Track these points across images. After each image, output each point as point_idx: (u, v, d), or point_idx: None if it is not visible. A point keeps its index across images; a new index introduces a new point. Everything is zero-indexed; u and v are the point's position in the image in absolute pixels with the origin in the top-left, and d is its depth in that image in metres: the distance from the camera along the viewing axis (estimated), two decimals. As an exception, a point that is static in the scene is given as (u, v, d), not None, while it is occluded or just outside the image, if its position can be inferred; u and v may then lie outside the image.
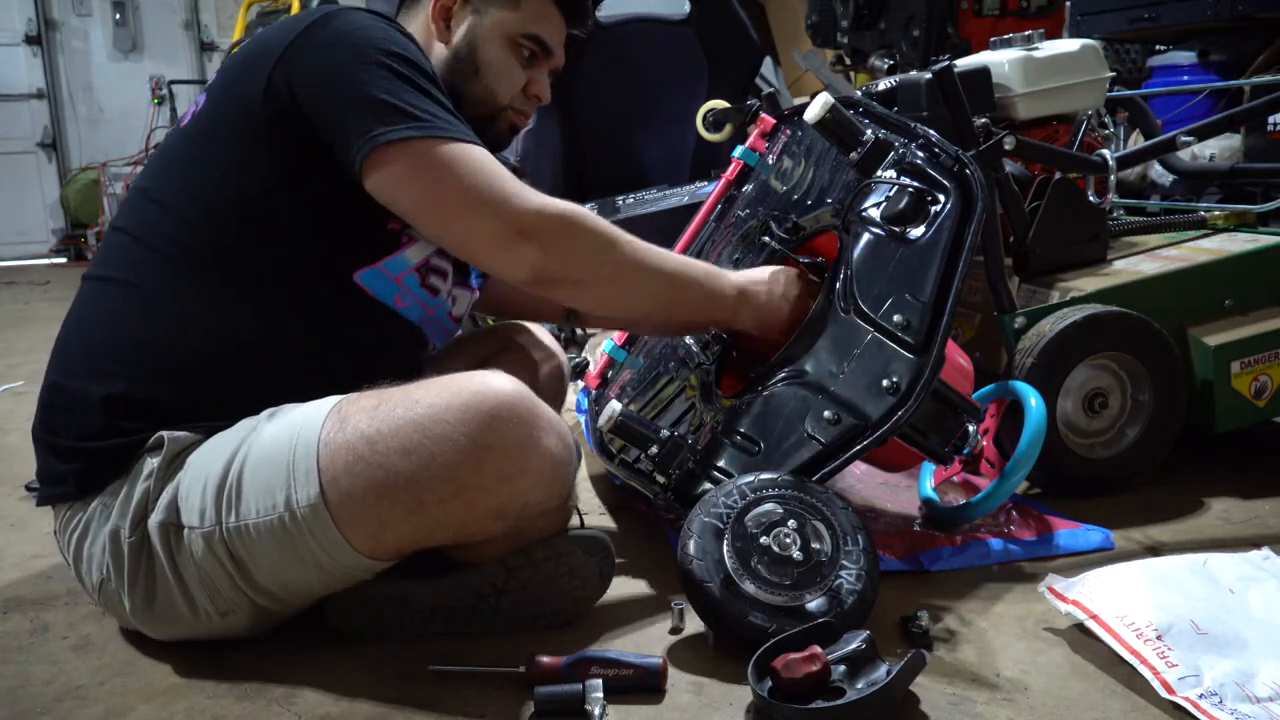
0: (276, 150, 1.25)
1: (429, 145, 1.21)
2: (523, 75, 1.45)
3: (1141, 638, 1.15)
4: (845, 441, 1.35)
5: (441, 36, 1.42)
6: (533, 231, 1.24)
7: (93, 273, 1.33)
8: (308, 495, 1.14)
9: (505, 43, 1.42)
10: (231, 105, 1.28)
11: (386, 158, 1.21)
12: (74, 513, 1.26)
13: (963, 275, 1.40)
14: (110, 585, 1.23)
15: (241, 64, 1.31)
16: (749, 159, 1.84)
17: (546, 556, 1.27)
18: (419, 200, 1.23)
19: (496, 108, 1.44)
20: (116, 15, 7.29)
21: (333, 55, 1.24)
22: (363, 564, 1.19)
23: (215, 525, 1.17)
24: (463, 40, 1.42)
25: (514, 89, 1.45)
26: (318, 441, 1.15)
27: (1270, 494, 1.73)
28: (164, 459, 1.20)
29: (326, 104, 1.23)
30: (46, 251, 7.26)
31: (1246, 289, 1.80)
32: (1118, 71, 3.45)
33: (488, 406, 1.15)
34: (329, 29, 1.26)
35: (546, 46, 1.45)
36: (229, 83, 1.31)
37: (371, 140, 1.20)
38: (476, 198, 1.22)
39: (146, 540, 1.20)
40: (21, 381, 3.04)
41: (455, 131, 1.24)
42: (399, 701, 1.14)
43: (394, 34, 1.29)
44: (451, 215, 1.24)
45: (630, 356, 1.80)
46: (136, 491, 1.20)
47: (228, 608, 1.20)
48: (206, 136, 1.30)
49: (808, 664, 1.08)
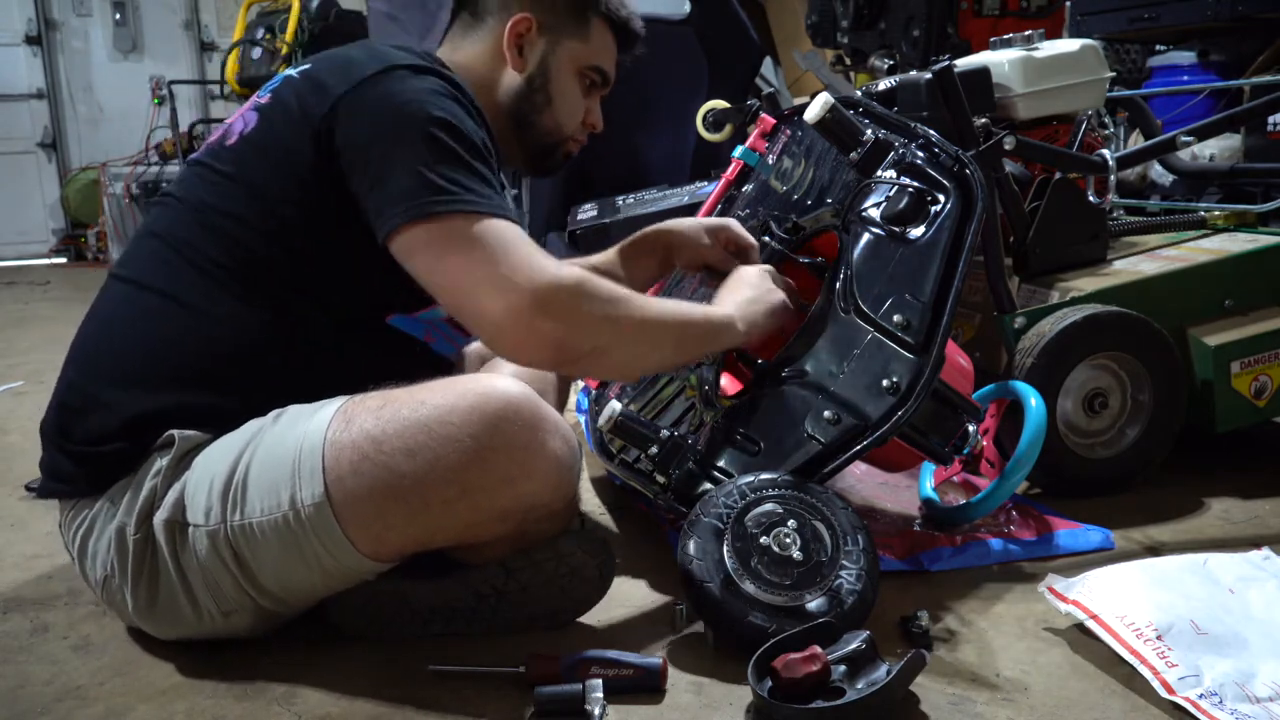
0: (321, 197, 1.24)
1: (450, 221, 1.18)
2: (582, 105, 1.47)
3: (1141, 638, 1.15)
4: (845, 441, 1.35)
5: (515, 64, 1.41)
6: (549, 306, 1.17)
7: (125, 274, 1.31)
8: (312, 494, 1.14)
9: (575, 74, 1.44)
10: (281, 140, 1.26)
11: (409, 229, 1.18)
12: (80, 508, 1.26)
13: (963, 275, 1.40)
14: (114, 582, 1.23)
15: (297, 98, 1.27)
16: (749, 159, 1.84)
17: (547, 557, 1.27)
18: (435, 278, 1.20)
19: (561, 138, 1.46)
20: (116, 15, 7.29)
21: (380, 118, 1.22)
22: (365, 565, 1.19)
23: (220, 523, 1.17)
24: (537, 70, 1.41)
25: (578, 120, 1.47)
26: (323, 441, 1.16)
27: (1270, 494, 1.73)
28: (173, 457, 1.20)
29: (361, 169, 1.21)
30: (46, 251, 7.25)
31: (1246, 289, 1.80)
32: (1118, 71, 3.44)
33: (493, 408, 1.15)
34: (384, 89, 1.23)
35: (607, 78, 1.48)
36: (281, 113, 1.28)
37: (396, 215, 1.18)
38: (490, 275, 1.17)
39: (151, 537, 1.20)
40: (21, 381, 3.04)
41: (483, 206, 1.19)
42: (399, 701, 1.14)
43: (446, 101, 1.24)
44: (465, 294, 1.19)
45: (630, 356, 1.79)
46: (144, 489, 1.20)
47: (230, 607, 1.20)
48: (254, 163, 1.28)
49: (808, 664, 1.08)
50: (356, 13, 5.16)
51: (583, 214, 3.10)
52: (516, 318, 1.17)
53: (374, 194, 1.20)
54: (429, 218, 1.17)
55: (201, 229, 1.27)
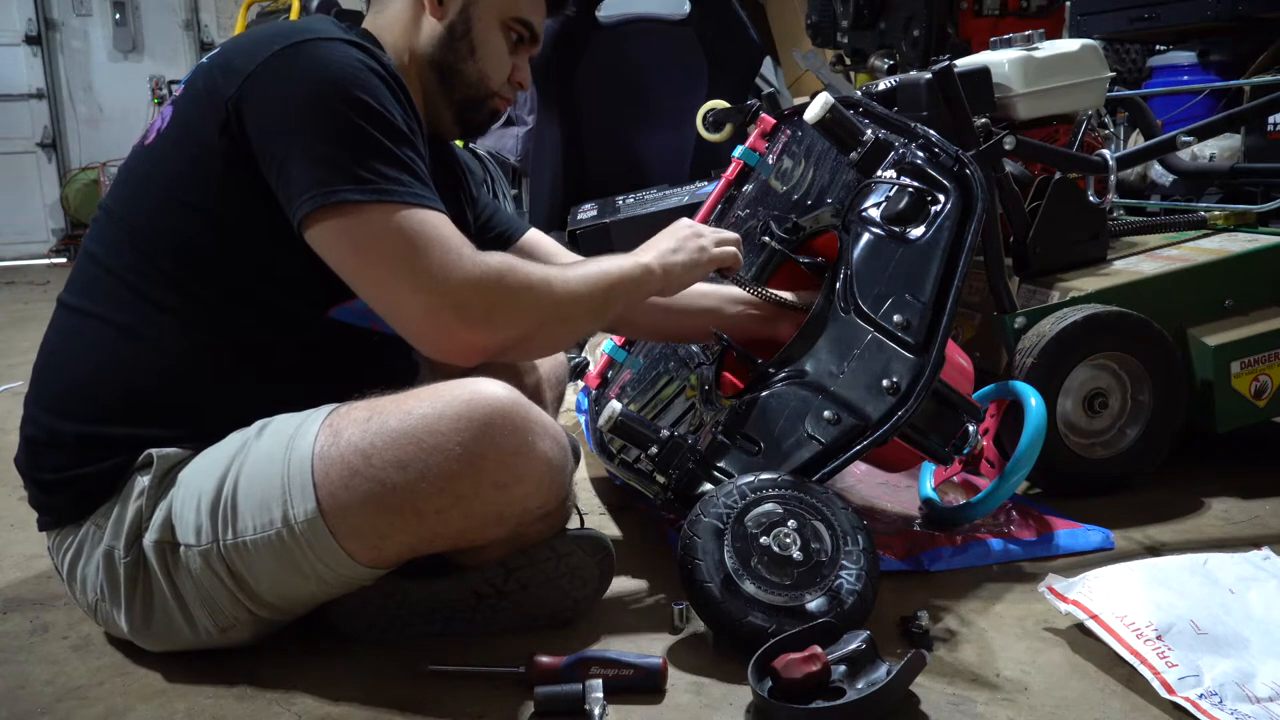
0: (235, 187, 1.19)
1: (364, 212, 1.14)
2: (508, 61, 1.41)
3: (1141, 638, 1.15)
4: (845, 441, 1.35)
5: (434, 11, 1.35)
6: (465, 308, 1.16)
7: (66, 299, 1.28)
8: (305, 510, 1.13)
9: (499, 25, 1.38)
10: (191, 130, 1.21)
11: (322, 218, 1.14)
12: (66, 534, 1.25)
13: (963, 275, 1.40)
14: (105, 606, 1.23)
15: (205, 83, 1.22)
16: (749, 159, 1.84)
17: (547, 557, 1.27)
18: (350, 273, 1.17)
19: (488, 91, 1.40)
20: (116, 15, 7.28)
21: (289, 96, 1.16)
22: (363, 574, 1.19)
23: (213, 542, 1.16)
24: (459, 17, 1.35)
25: (504, 74, 1.41)
26: (312, 455, 1.14)
27: (1270, 494, 1.73)
28: (154, 477, 1.19)
29: (272, 152, 1.16)
30: (46, 251, 7.25)
31: (1246, 289, 1.80)
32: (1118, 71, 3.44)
33: (481, 415, 1.14)
34: (293, 65, 1.17)
35: (534, 33, 1.42)
36: (192, 103, 1.23)
37: (310, 200, 1.13)
38: (405, 274, 1.14)
39: (142, 559, 1.18)
40: (21, 381, 3.04)
41: (399, 195, 1.15)
42: (399, 702, 1.14)
43: (364, 75, 1.18)
44: (381, 292, 1.17)
45: (630, 356, 1.80)
46: (129, 511, 1.19)
47: (228, 623, 1.20)
48: (166, 160, 1.23)
49: (808, 664, 1.08)
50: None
51: (583, 214, 3.10)
52: (434, 320, 1.16)
53: (284, 179, 1.15)
54: (342, 207, 1.13)
55: (126, 242, 1.23)
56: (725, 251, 1.42)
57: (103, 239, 1.26)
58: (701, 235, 1.42)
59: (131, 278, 1.22)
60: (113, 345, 1.22)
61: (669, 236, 1.42)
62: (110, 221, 1.26)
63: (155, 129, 1.27)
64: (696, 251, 1.40)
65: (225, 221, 1.20)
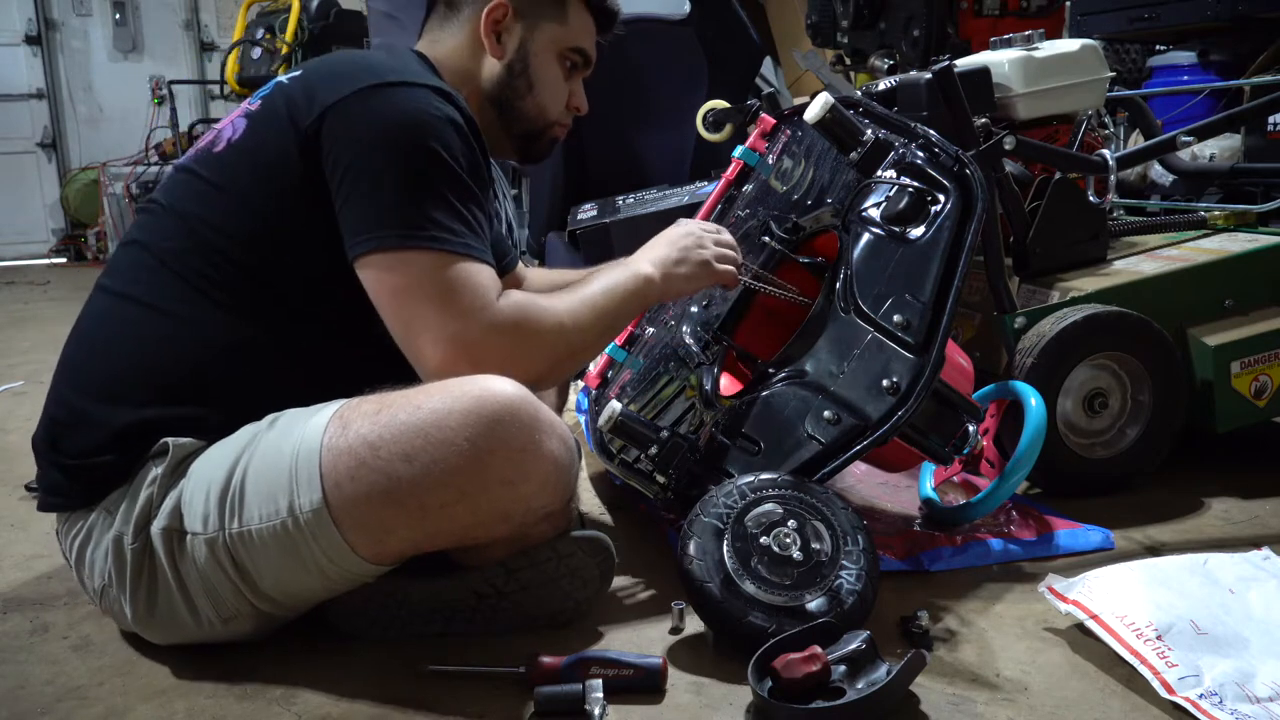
0: (307, 207, 1.24)
1: (410, 255, 1.19)
2: (565, 89, 1.46)
3: (1141, 638, 1.15)
4: (845, 441, 1.35)
5: (494, 51, 1.40)
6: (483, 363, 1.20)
7: (111, 286, 1.31)
8: (311, 501, 1.14)
9: (555, 57, 1.43)
10: (269, 149, 1.26)
11: (370, 257, 1.20)
12: (76, 518, 1.25)
13: (963, 275, 1.40)
14: (112, 591, 1.23)
15: (286, 104, 1.27)
16: (749, 159, 1.84)
17: (547, 557, 1.27)
18: (384, 310, 1.22)
19: (546, 123, 1.46)
20: (116, 15, 7.29)
21: (363, 138, 1.22)
22: (366, 569, 1.19)
23: (219, 531, 1.17)
24: (516, 55, 1.40)
25: (562, 104, 1.46)
26: (320, 447, 1.15)
27: (1270, 494, 1.73)
28: (168, 465, 1.20)
29: (340, 187, 1.22)
30: (46, 251, 7.25)
31: (1246, 289, 1.80)
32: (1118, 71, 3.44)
33: (489, 411, 1.15)
34: (373, 107, 1.23)
35: (588, 59, 1.47)
36: (270, 121, 1.28)
37: (364, 241, 1.20)
38: (431, 324, 1.19)
39: (149, 546, 1.19)
40: (21, 381, 3.04)
41: (448, 244, 1.21)
42: (399, 701, 1.14)
43: (439, 124, 1.23)
44: (407, 335, 1.22)
45: (630, 356, 1.79)
46: (140, 498, 1.20)
47: (230, 614, 1.20)
48: (242, 172, 1.27)
49: (808, 664, 1.08)
50: (356, 13, 5.16)
51: (583, 214, 3.10)
52: (450, 373, 1.19)
53: (347, 214, 1.22)
54: (391, 249, 1.19)
55: (187, 239, 1.26)
56: (727, 271, 1.44)
57: (156, 233, 1.29)
58: (704, 247, 1.44)
59: (186, 272, 1.25)
60: (160, 330, 1.24)
61: (671, 245, 1.43)
62: (168, 217, 1.29)
63: (226, 139, 1.31)
64: (699, 265, 1.42)
65: (292, 235, 1.25)
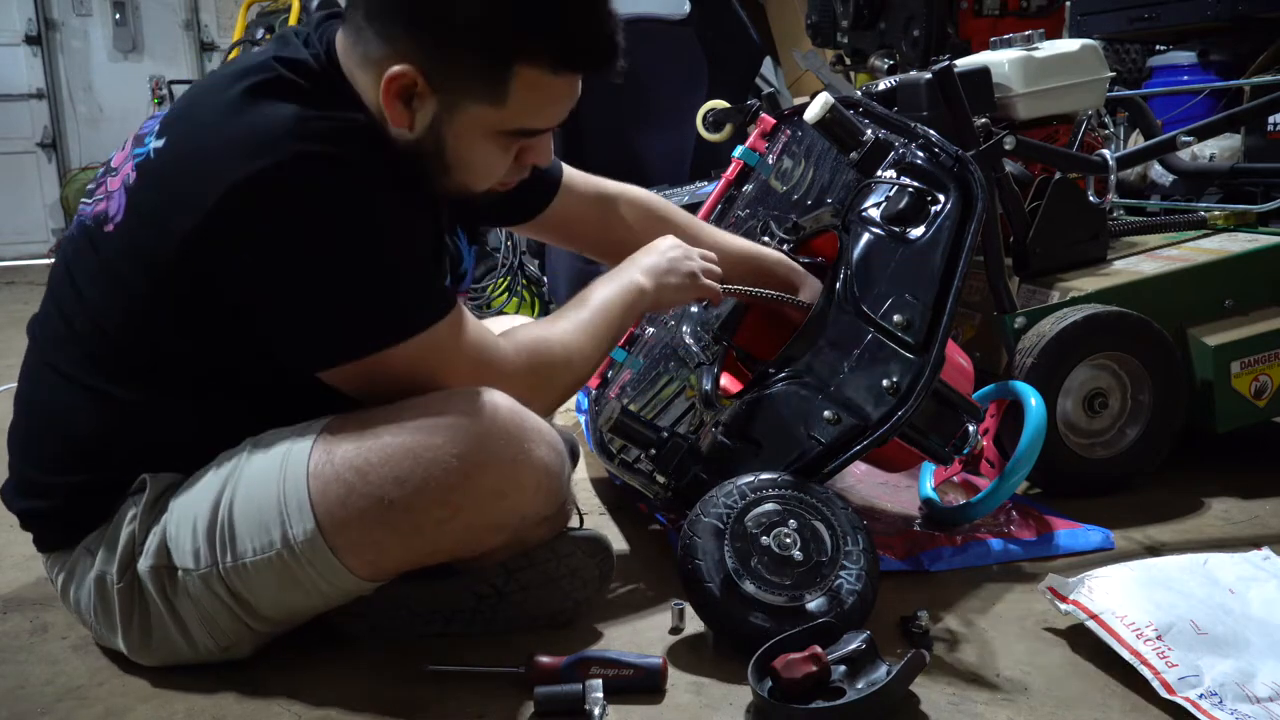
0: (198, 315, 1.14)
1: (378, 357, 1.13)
2: (507, 159, 1.21)
3: (1141, 638, 1.15)
4: (845, 441, 1.35)
5: (397, 120, 1.14)
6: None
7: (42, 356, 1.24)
8: (304, 530, 1.12)
9: (486, 137, 1.17)
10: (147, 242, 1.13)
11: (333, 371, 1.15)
12: (58, 558, 1.25)
13: (963, 275, 1.40)
14: (100, 629, 1.23)
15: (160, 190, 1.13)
16: (749, 159, 1.84)
17: (547, 558, 1.27)
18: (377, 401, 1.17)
19: (474, 194, 1.24)
20: (116, 15, 7.28)
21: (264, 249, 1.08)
22: (364, 586, 1.18)
23: (211, 566, 1.15)
24: (428, 134, 1.15)
25: (496, 177, 1.22)
26: (306, 473, 1.12)
27: (1270, 494, 1.73)
28: (147, 501, 1.18)
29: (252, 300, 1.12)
30: (46, 251, 7.23)
31: (1246, 289, 1.80)
32: (1118, 71, 3.44)
33: (478, 425, 1.13)
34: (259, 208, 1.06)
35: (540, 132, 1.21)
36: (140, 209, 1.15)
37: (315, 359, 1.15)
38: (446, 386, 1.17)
39: (137, 584, 1.18)
40: (21, 381, 3.03)
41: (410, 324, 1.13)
42: (399, 701, 1.14)
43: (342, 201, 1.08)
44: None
45: (630, 356, 1.80)
46: (121, 536, 1.18)
47: (228, 641, 1.19)
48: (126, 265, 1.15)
49: (808, 664, 1.08)
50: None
51: (583, 214, 3.10)
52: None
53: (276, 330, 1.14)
54: (353, 360, 1.14)
55: (90, 323, 1.18)
56: (712, 287, 1.43)
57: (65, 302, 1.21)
58: (691, 259, 1.43)
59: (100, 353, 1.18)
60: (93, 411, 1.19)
61: (661, 255, 1.42)
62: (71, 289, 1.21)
63: (113, 217, 1.17)
64: (688, 277, 1.41)
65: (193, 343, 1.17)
